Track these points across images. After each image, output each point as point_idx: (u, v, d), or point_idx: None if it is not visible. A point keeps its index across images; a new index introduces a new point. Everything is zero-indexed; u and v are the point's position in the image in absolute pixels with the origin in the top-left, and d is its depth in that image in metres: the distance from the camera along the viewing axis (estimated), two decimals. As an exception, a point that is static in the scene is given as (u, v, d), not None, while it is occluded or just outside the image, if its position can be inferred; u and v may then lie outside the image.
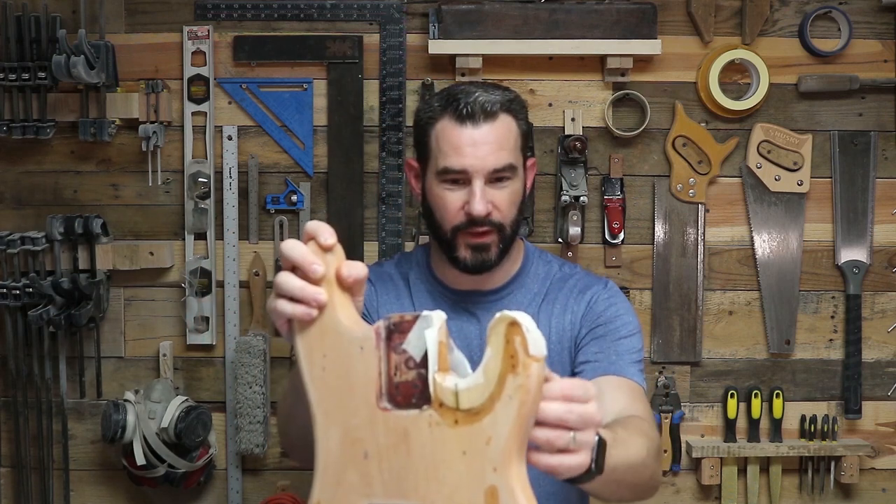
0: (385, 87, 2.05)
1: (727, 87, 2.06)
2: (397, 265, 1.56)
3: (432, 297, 1.49)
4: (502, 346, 0.86)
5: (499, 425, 0.86)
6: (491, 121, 1.39)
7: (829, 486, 2.13)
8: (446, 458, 0.89)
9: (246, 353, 2.01)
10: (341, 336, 0.93)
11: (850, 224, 2.11)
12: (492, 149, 1.38)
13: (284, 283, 0.94)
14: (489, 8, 2.02)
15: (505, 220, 1.41)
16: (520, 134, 1.43)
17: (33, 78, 1.97)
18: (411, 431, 0.90)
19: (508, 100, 1.42)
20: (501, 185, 1.40)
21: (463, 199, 1.39)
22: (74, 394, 2.11)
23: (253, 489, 2.12)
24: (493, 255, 1.42)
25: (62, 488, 2.12)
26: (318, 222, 0.95)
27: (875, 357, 2.13)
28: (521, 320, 0.86)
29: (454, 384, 0.88)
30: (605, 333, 1.43)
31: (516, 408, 0.86)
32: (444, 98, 1.42)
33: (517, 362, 0.85)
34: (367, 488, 0.93)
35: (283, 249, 0.94)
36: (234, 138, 2.06)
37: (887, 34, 2.09)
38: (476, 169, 1.38)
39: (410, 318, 0.90)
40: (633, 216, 2.10)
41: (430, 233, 1.48)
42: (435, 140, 1.41)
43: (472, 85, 1.44)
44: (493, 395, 0.86)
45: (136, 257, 2.05)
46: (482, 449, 0.87)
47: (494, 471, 0.87)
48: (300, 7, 2.05)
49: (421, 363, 0.89)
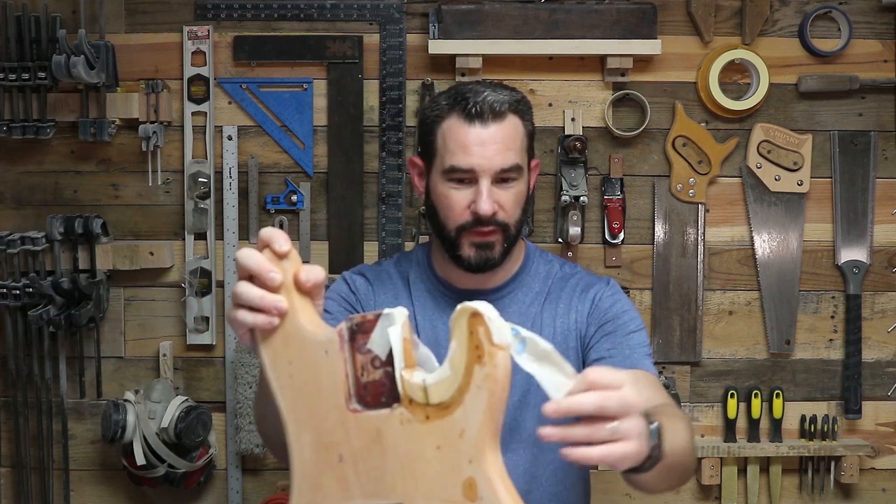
0: (385, 87, 2.05)
1: (727, 87, 2.06)
2: (396, 264, 1.56)
3: (433, 296, 1.49)
4: (466, 337, 0.86)
5: (470, 417, 0.86)
6: (499, 121, 1.39)
7: (829, 486, 2.13)
8: (421, 454, 0.89)
9: (246, 353, 2.02)
10: (305, 341, 0.93)
11: (850, 224, 2.11)
12: (499, 149, 1.38)
13: (244, 293, 0.93)
14: (489, 8, 2.02)
15: (510, 220, 1.41)
16: (526, 135, 1.44)
17: (33, 78, 1.97)
18: (384, 431, 0.90)
19: (516, 100, 1.42)
20: (507, 186, 1.40)
21: (469, 198, 1.39)
22: (74, 394, 2.11)
23: (253, 489, 2.13)
24: (497, 254, 1.42)
25: (62, 488, 2.12)
26: (271, 229, 0.95)
27: (875, 357, 2.13)
28: (483, 310, 0.85)
29: (422, 379, 0.88)
30: (615, 329, 1.43)
31: (486, 398, 0.85)
32: (452, 96, 1.42)
33: (483, 352, 0.85)
34: (344, 492, 0.92)
35: (239, 259, 0.94)
36: (234, 138, 2.06)
37: (887, 34, 2.09)
38: (483, 168, 1.38)
39: (372, 318, 0.90)
40: (633, 216, 2.10)
41: (433, 231, 1.48)
42: (442, 138, 1.41)
43: (480, 84, 1.44)
44: (462, 387, 0.86)
45: (136, 257, 2.05)
46: (456, 442, 0.87)
47: (470, 462, 0.87)
48: (300, 7, 2.05)
49: (387, 361, 0.89)
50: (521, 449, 1.40)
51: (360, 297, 1.49)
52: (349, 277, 1.53)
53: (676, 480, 1.22)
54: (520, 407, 1.40)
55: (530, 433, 1.40)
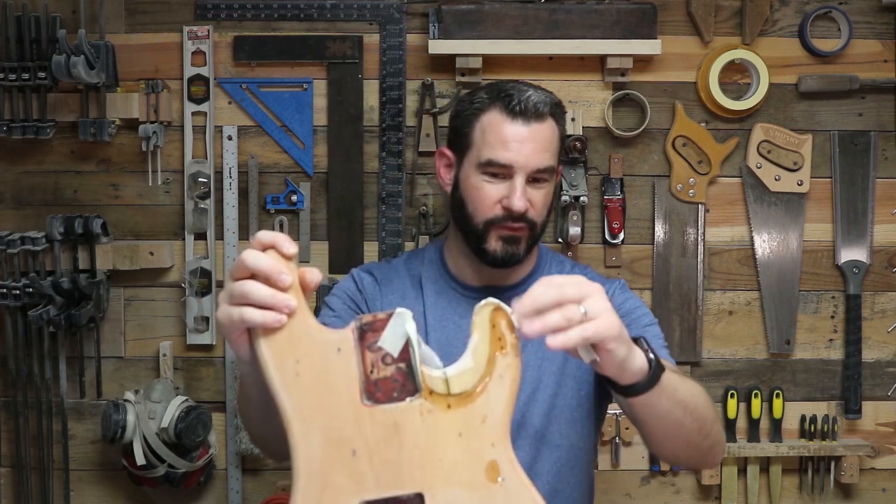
0: (385, 87, 2.05)
1: (727, 87, 2.06)
2: (406, 263, 1.56)
3: (445, 294, 1.49)
4: (488, 329, 0.94)
5: (493, 403, 0.94)
6: (540, 121, 1.41)
7: (829, 486, 2.13)
8: (441, 441, 0.94)
9: (246, 353, 2.02)
10: (315, 339, 0.95)
11: (850, 224, 2.11)
12: (537, 148, 1.40)
13: (252, 291, 0.94)
14: (489, 8, 2.02)
15: (538, 220, 1.43)
16: (559, 139, 1.46)
17: (33, 78, 1.97)
18: (402, 422, 0.94)
19: (555, 103, 1.45)
20: (539, 186, 1.42)
21: (501, 193, 1.41)
22: (74, 394, 2.11)
23: (253, 489, 2.13)
24: (522, 251, 1.43)
25: (62, 488, 2.12)
26: (271, 232, 0.97)
27: (875, 357, 2.13)
28: (503, 305, 0.95)
29: (443, 372, 0.95)
30: (630, 324, 1.43)
31: (508, 385, 0.94)
32: (494, 91, 1.43)
33: (505, 343, 0.94)
34: (357, 486, 0.94)
35: (247, 260, 0.95)
36: (234, 138, 2.06)
37: (887, 34, 2.09)
38: (520, 165, 1.39)
39: (384, 317, 0.95)
40: (633, 216, 2.10)
41: (458, 224, 1.48)
42: (480, 130, 1.42)
43: (522, 83, 1.46)
44: (484, 375, 0.94)
45: (136, 257, 2.05)
46: (478, 427, 0.94)
47: (493, 446, 0.94)
48: (300, 7, 2.05)
49: (399, 358, 0.94)
50: (526, 445, 1.41)
51: (367, 295, 1.50)
52: (357, 275, 1.54)
53: (697, 435, 1.21)
54: (528, 403, 1.42)
55: (536, 429, 1.41)
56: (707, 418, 1.23)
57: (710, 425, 1.24)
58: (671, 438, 1.20)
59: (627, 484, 2.13)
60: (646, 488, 2.14)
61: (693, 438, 1.21)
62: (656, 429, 1.17)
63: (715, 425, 1.27)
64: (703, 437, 1.23)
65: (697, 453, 1.26)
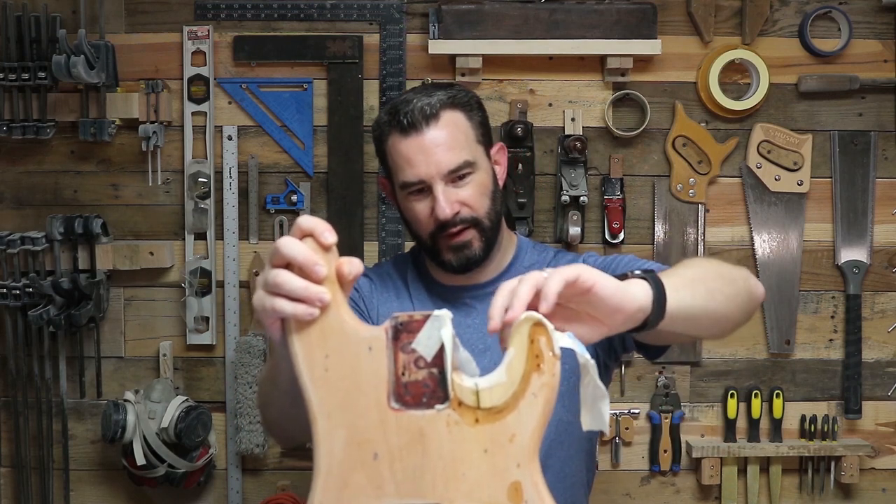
0: (385, 87, 2.05)
1: (727, 87, 2.06)
2: (395, 265, 1.57)
3: (430, 294, 1.50)
4: (526, 345, 0.88)
5: (523, 422, 0.89)
6: (434, 123, 1.38)
7: (829, 486, 2.13)
8: (466, 456, 0.89)
9: (246, 353, 2.02)
10: (347, 336, 0.91)
11: (850, 224, 2.11)
12: (442, 150, 1.37)
13: (286, 282, 0.90)
14: (489, 8, 2.02)
15: (478, 214, 1.40)
16: (471, 126, 1.42)
17: (33, 78, 1.97)
18: (427, 431, 0.90)
19: (450, 96, 1.41)
20: (464, 182, 1.40)
21: (430, 207, 1.40)
22: (74, 394, 2.11)
23: (253, 489, 2.12)
24: (477, 250, 1.41)
25: (62, 488, 2.12)
26: (313, 218, 0.92)
27: (875, 357, 2.13)
28: (545, 321, 0.89)
29: (474, 383, 0.89)
30: (616, 267, 1.40)
31: (541, 405, 0.89)
32: (388, 112, 1.42)
33: (542, 361, 0.88)
34: (377, 490, 0.91)
35: (282, 248, 0.91)
36: (234, 138, 2.06)
37: (887, 34, 2.09)
38: (431, 175, 1.38)
39: (420, 318, 0.90)
40: (633, 216, 2.10)
41: (414, 241, 1.51)
42: (390, 157, 1.43)
43: (413, 91, 1.44)
44: (517, 393, 0.89)
45: (136, 257, 2.05)
46: (505, 446, 0.89)
47: (518, 466, 0.89)
48: (300, 7, 2.05)
49: (432, 363, 0.89)
50: None
51: (364, 295, 1.50)
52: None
53: (734, 307, 1.18)
54: None
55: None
56: (728, 276, 1.20)
57: (736, 282, 1.21)
58: (724, 320, 1.18)
59: (627, 484, 2.13)
60: (646, 488, 2.14)
61: (734, 303, 1.19)
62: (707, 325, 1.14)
63: (738, 273, 1.24)
64: (737, 292, 1.20)
65: (748, 306, 1.24)
